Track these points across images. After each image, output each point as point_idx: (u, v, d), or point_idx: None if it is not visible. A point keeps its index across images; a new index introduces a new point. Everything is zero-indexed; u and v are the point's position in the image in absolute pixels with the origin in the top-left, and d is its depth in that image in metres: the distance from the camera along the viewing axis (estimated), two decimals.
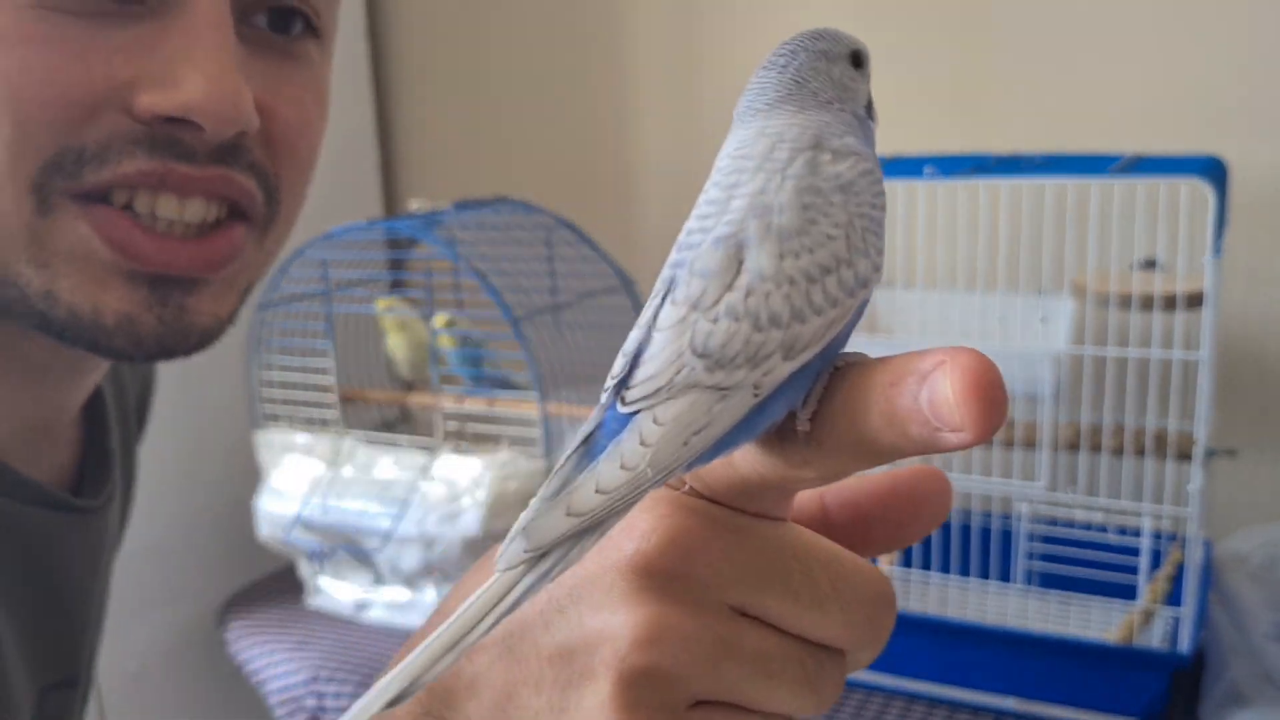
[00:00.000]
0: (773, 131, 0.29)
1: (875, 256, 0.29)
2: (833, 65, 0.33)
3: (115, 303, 0.40)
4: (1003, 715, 0.95)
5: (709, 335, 0.26)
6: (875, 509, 0.34)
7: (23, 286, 0.39)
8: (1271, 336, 1.15)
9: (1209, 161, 0.95)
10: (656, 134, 1.46)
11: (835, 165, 0.28)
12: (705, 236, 0.27)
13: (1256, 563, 1.05)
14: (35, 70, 0.37)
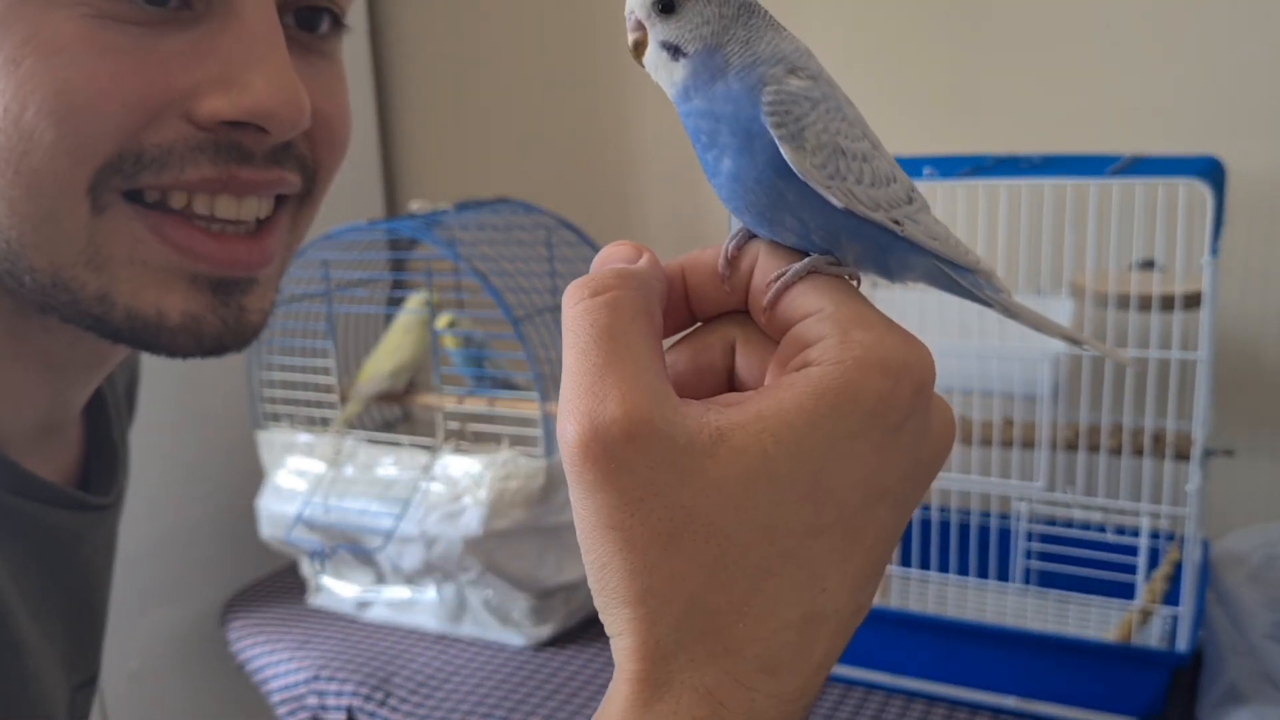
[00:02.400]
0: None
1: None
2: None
3: (180, 304, 0.41)
4: (1001, 713, 0.95)
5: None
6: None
7: (75, 290, 0.40)
8: (1268, 336, 1.16)
9: (1207, 162, 0.95)
10: (656, 135, 1.46)
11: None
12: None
13: (1254, 562, 1.05)
14: (98, 78, 0.38)
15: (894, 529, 0.31)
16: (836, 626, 0.30)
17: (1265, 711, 0.87)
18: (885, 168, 0.34)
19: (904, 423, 0.30)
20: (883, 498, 0.30)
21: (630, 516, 0.29)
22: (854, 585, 0.30)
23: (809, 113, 0.32)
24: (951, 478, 1.00)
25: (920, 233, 0.34)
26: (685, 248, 1.40)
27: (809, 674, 0.30)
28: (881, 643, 0.99)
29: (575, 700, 1.01)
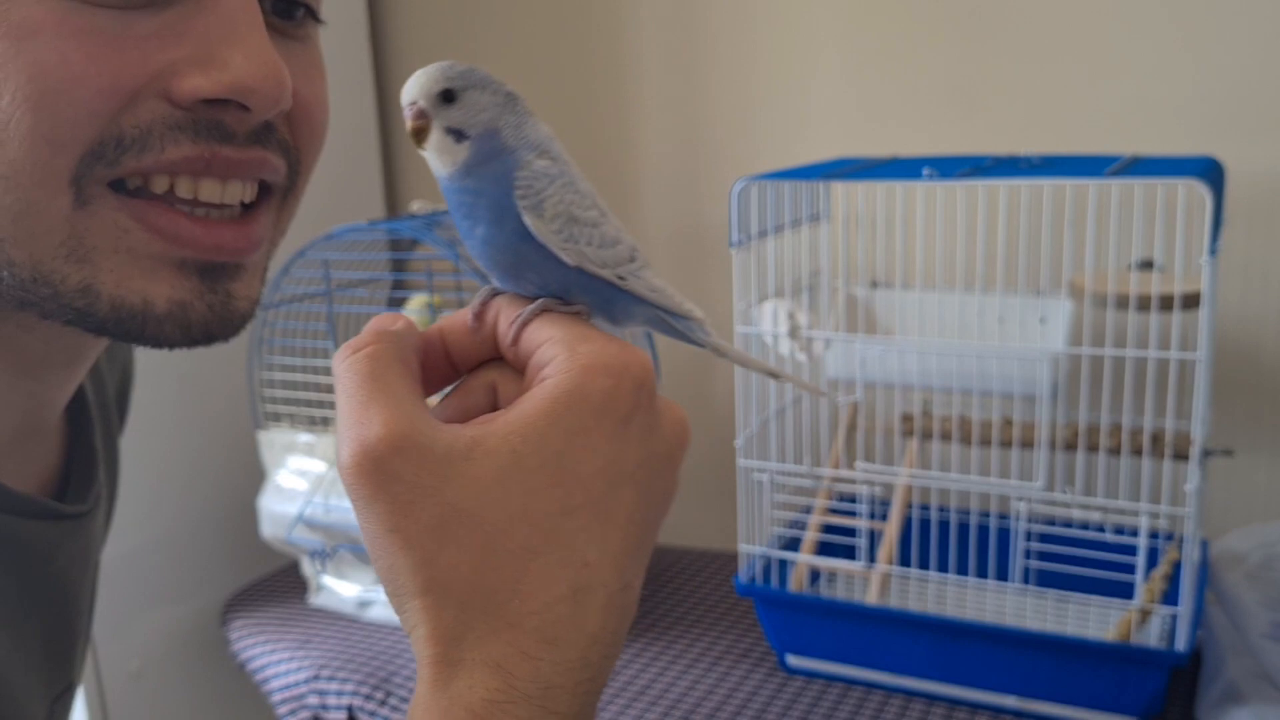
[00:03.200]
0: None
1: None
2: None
3: (167, 291, 0.40)
4: (1001, 713, 0.95)
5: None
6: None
7: (56, 284, 0.39)
8: (1268, 336, 1.16)
9: (1206, 163, 0.95)
10: (656, 136, 1.46)
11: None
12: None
13: (1253, 562, 1.05)
14: (73, 62, 0.37)
15: (644, 511, 0.36)
16: (606, 600, 0.34)
17: (1264, 711, 0.88)
18: (611, 232, 0.40)
19: (631, 415, 0.35)
20: (624, 482, 0.35)
21: (404, 519, 0.33)
22: (615, 561, 0.35)
23: (547, 187, 0.38)
24: (951, 477, 1.01)
25: (641, 286, 0.41)
26: (684, 248, 1.41)
27: (585, 643, 0.34)
28: (882, 642, 0.99)
29: None
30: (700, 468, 1.45)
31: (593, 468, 0.34)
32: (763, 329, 1.02)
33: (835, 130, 1.34)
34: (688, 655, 1.08)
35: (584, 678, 0.34)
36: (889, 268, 1.13)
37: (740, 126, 1.40)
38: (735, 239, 1.00)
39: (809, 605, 1.04)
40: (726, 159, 1.41)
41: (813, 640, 1.03)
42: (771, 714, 0.97)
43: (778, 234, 1.05)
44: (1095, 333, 0.97)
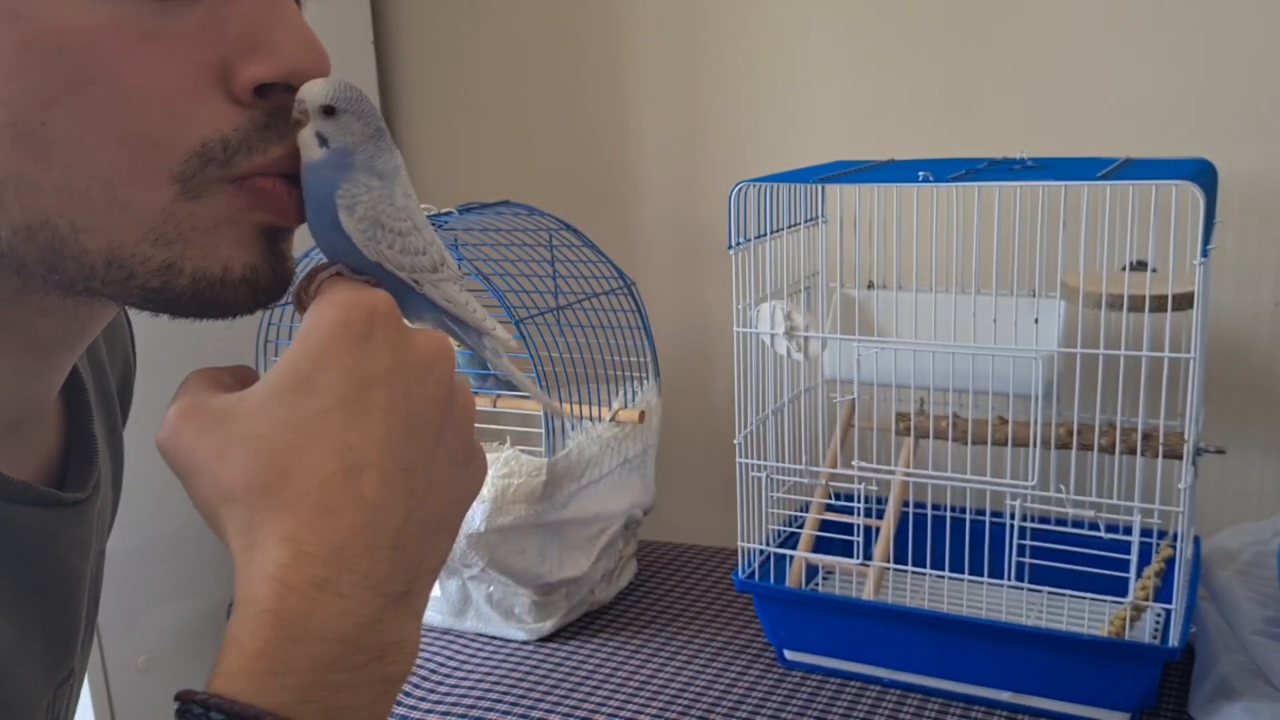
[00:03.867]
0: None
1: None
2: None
3: (244, 256, 0.41)
4: (995, 708, 0.96)
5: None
6: None
7: (135, 266, 0.40)
8: (1259, 337, 1.17)
9: (1199, 165, 0.96)
10: (656, 139, 1.47)
11: None
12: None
13: (1245, 559, 1.07)
14: (143, 68, 0.38)
15: (405, 406, 0.40)
16: (381, 477, 0.39)
17: (1256, 706, 0.89)
18: (417, 244, 0.46)
19: (369, 332, 0.40)
20: (373, 384, 0.40)
21: (193, 461, 0.40)
22: (380, 445, 0.39)
23: (364, 195, 0.45)
24: (946, 476, 1.02)
25: (436, 294, 0.47)
26: (684, 248, 1.42)
27: (368, 511, 0.38)
28: (878, 638, 1.00)
29: (577, 693, 1.02)
30: (699, 466, 1.46)
31: (337, 376, 0.39)
32: (760, 329, 1.04)
33: (832, 133, 1.35)
34: (687, 650, 1.10)
35: (378, 543, 0.38)
36: (885, 269, 1.14)
37: (738, 129, 1.42)
38: (733, 241, 1.01)
39: (806, 601, 1.06)
40: (725, 161, 1.42)
41: (810, 635, 1.04)
42: (769, 708, 0.98)
43: (775, 236, 1.07)
44: (1088, 333, 0.98)
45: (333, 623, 0.36)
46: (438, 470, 0.41)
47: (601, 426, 1.16)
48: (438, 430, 0.41)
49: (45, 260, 0.39)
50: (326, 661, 0.36)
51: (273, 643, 0.35)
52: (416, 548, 0.39)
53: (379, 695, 0.37)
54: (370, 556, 0.37)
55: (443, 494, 0.41)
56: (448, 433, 0.42)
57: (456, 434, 0.42)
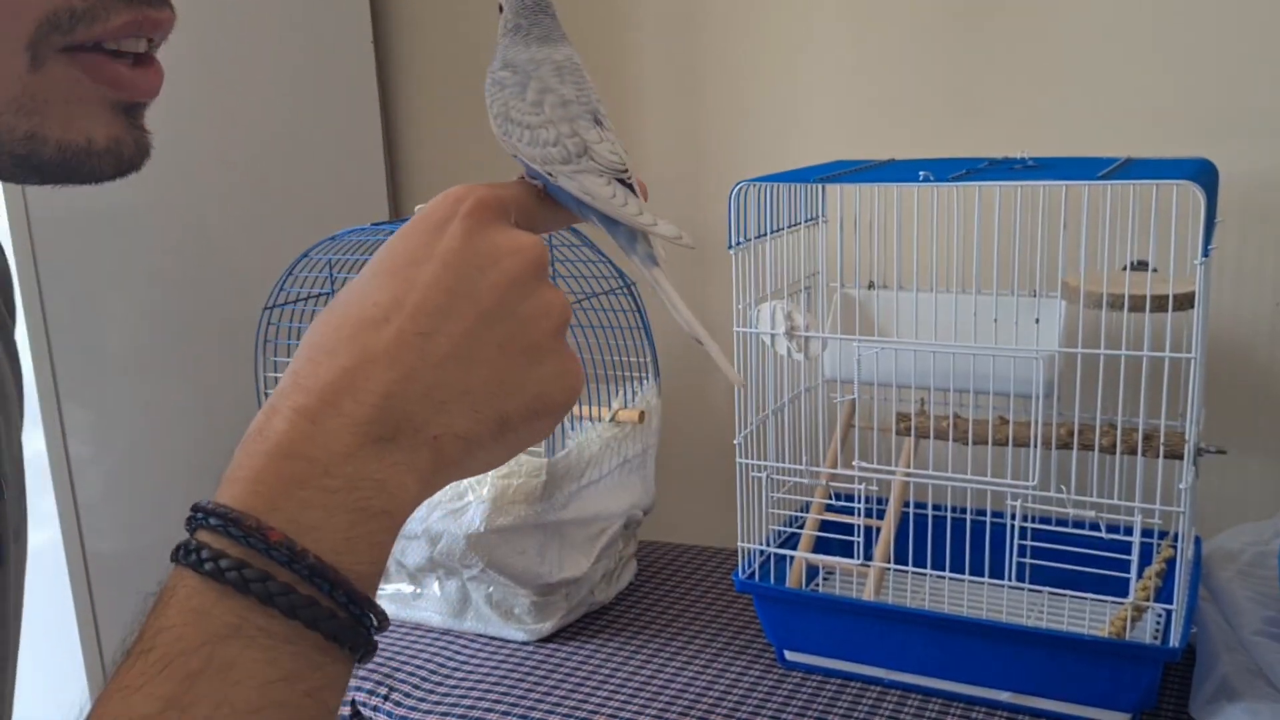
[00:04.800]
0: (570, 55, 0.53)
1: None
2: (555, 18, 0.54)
3: (105, 130, 0.43)
4: (996, 708, 0.96)
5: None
6: None
7: (2, 136, 0.42)
8: (1259, 336, 1.17)
9: (1199, 165, 0.96)
10: (657, 139, 1.47)
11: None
12: (593, 98, 0.50)
13: (1246, 559, 1.07)
14: None
15: (449, 281, 0.42)
16: (395, 333, 0.41)
17: (1257, 706, 0.88)
18: (549, 136, 0.48)
19: (445, 222, 0.43)
20: (425, 260, 0.43)
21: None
22: (407, 308, 0.42)
23: (497, 93, 0.49)
24: (947, 476, 1.02)
25: (572, 185, 0.48)
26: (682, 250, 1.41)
27: (360, 355, 0.41)
28: (878, 638, 1.00)
29: (577, 694, 1.02)
30: (699, 466, 1.46)
31: (397, 250, 0.43)
32: (760, 329, 1.04)
33: (833, 133, 1.35)
34: (687, 650, 1.10)
35: (367, 388, 0.40)
36: (885, 269, 1.14)
37: (739, 129, 1.42)
38: (733, 240, 1.01)
39: (807, 601, 1.06)
40: (725, 161, 1.42)
41: (810, 636, 1.04)
42: (769, 708, 0.98)
43: (775, 236, 1.07)
44: (1089, 333, 0.98)
45: (303, 444, 0.39)
46: (474, 347, 0.42)
47: (601, 426, 1.16)
48: (486, 313, 0.42)
49: None
50: (296, 478, 0.38)
51: (252, 455, 0.39)
52: (414, 405, 0.40)
53: (353, 524, 0.38)
54: (354, 398, 0.39)
55: (475, 371, 0.42)
56: (503, 321, 0.42)
57: (520, 326, 0.43)
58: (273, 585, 0.36)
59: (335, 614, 0.37)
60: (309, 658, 0.37)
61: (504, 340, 0.42)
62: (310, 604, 0.36)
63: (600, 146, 0.48)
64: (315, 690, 0.37)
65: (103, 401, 1.23)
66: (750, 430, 1.06)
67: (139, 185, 0.50)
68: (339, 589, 0.37)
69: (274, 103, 1.44)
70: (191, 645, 0.36)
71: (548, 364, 0.44)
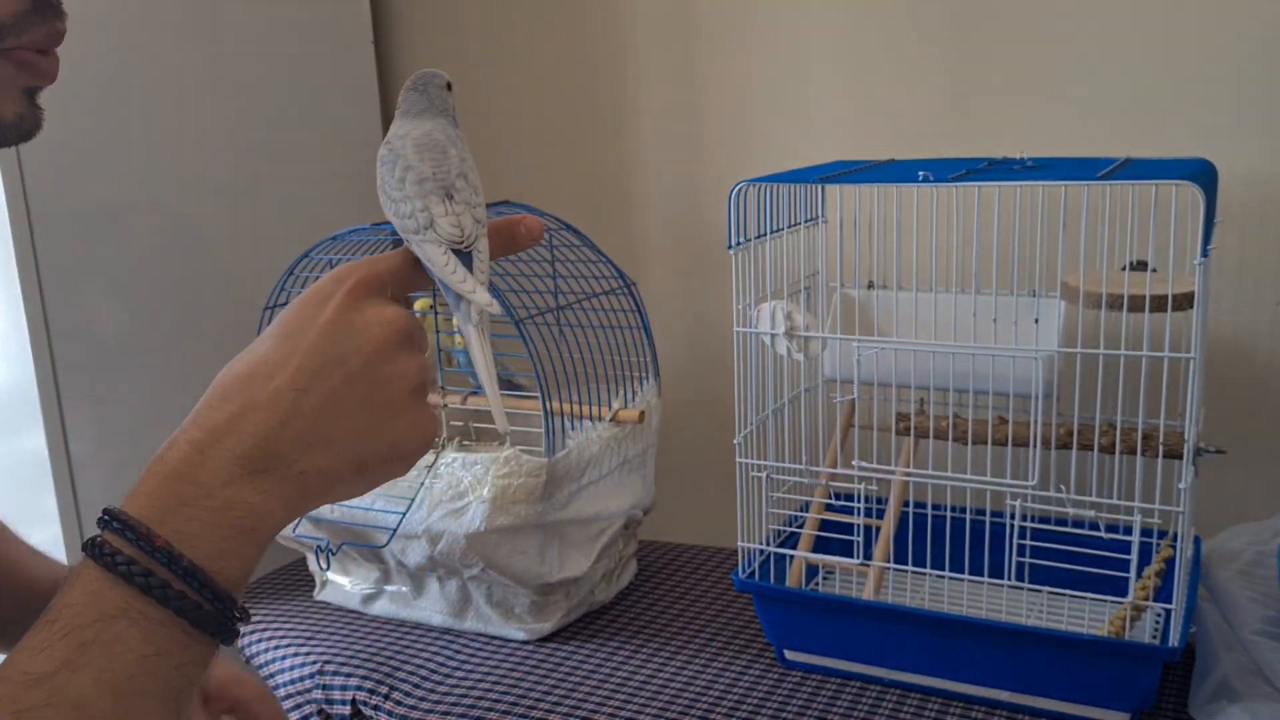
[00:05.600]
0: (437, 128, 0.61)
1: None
2: (443, 90, 0.64)
3: (14, 108, 0.52)
4: (996, 708, 0.97)
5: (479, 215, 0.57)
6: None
7: None
8: (1259, 336, 1.17)
9: (1199, 164, 0.96)
10: (657, 139, 1.48)
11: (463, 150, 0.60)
12: (450, 173, 0.57)
13: (1245, 559, 1.07)
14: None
15: (320, 348, 0.50)
16: (274, 386, 0.49)
17: (1256, 707, 0.88)
18: (406, 209, 0.56)
19: (331, 295, 0.52)
20: (309, 327, 0.51)
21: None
22: (288, 366, 0.50)
23: (378, 168, 0.58)
24: (946, 476, 1.02)
25: (420, 253, 0.55)
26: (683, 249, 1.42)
27: (247, 404, 0.49)
28: (878, 637, 1.00)
29: (577, 693, 1.02)
30: (699, 466, 1.46)
31: (289, 318, 0.52)
32: (760, 329, 1.04)
33: (832, 133, 1.35)
34: (687, 650, 1.10)
35: (248, 430, 0.48)
36: (885, 269, 1.14)
37: (739, 129, 1.42)
38: (733, 241, 1.01)
39: (806, 601, 1.06)
40: (725, 161, 1.43)
41: (810, 635, 1.04)
42: (769, 708, 0.98)
43: (775, 236, 1.07)
44: (1088, 333, 0.98)
45: (192, 471, 0.47)
46: (341, 402, 0.50)
47: (601, 426, 1.16)
48: (352, 375, 0.50)
49: None
50: (183, 498, 0.47)
51: (152, 475, 0.48)
52: (286, 446, 0.49)
53: (225, 538, 0.47)
54: (237, 437, 0.48)
55: (339, 422, 0.50)
56: (366, 381, 0.51)
57: (381, 385, 0.51)
58: (153, 580, 0.45)
59: (202, 606, 0.46)
60: (178, 639, 0.45)
61: (366, 397, 0.51)
62: (180, 597, 0.45)
63: (443, 220, 0.55)
64: (182, 665, 0.46)
65: (103, 401, 1.23)
66: (750, 430, 1.06)
67: (140, 185, 0.52)
68: (206, 588, 0.46)
69: (274, 103, 1.44)
70: (86, 620, 0.44)
71: (404, 419, 0.52)
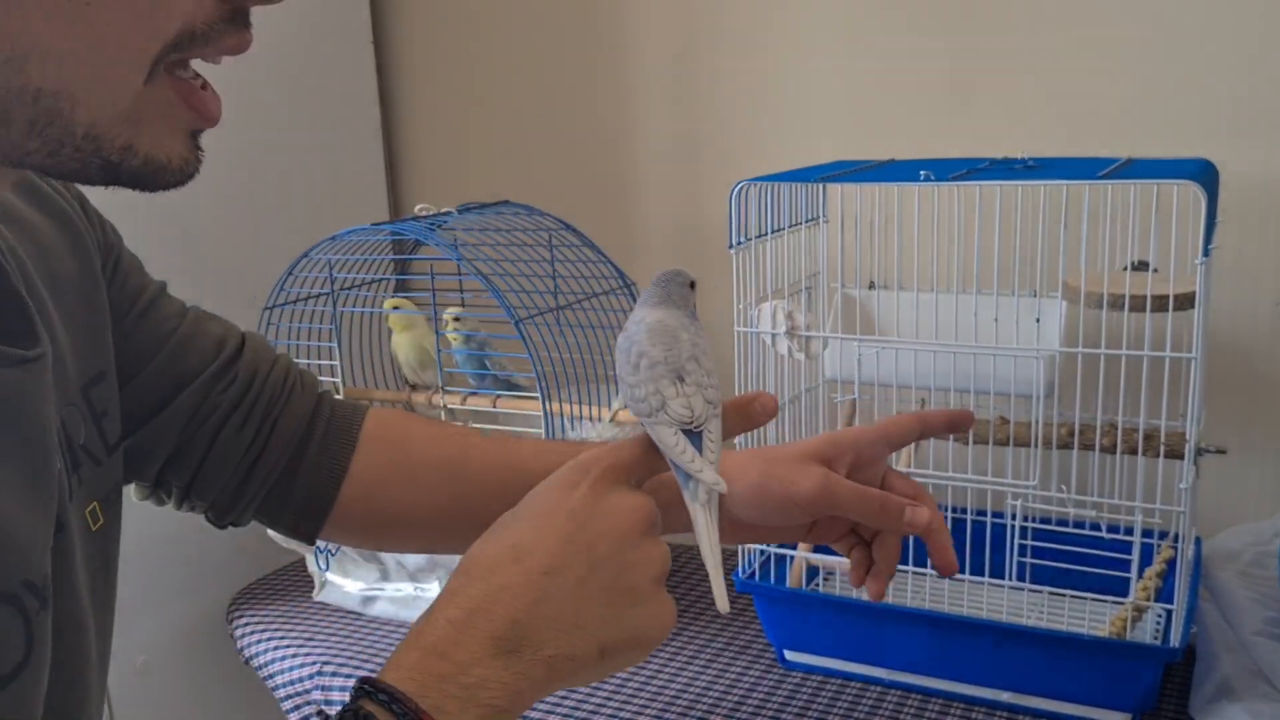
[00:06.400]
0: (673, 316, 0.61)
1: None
2: (685, 287, 0.62)
3: (181, 150, 0.48)
4: (996, 708, 0.96)
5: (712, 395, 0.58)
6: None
7: (104, 142, 0.45)
8: (1259, 336, 1.17)
9: (1200, 164, 0.96)
10: (656, 138, 1.47)
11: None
12: (680, 356, 0.58)
13: (1247, 559, 1.07)
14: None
15: (565, 530, 0.53)
16: (524, 569, 0.51)
17: (1257, 706, 0.88)
18: (640, 393, 0.57)
19: (574, 485, 0.54)
20: (557, 512, 0.53)
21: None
22: (538, 550, 0.52)
23: (617, 354, 0.60)
24: (947, 475, 1.02)
25: (652, 434, 0.57)
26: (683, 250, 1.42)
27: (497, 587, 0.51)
28: (878, 638, 1.00)
29: (577, 693, 1.02)
30: None
31: (536, 502, 0.54)
32: (761, 329, 1.04)
33: (833, 133, 1.35)
34: (687, 650, 1.10)
35: (499, 611, 0.50)
36: (886, 269, 1.14)
37: (739, 129, 1.42)
38: (733, 240, 1.01)
39: (807, 601, 1.06)
40: (725, 161, 1.42)
41: (810, 636, 1.04)
42: (770, 708, 0.98)
43: (776, 235, 1.07)
44: (1090, 333, 0.98)
45: (449, 648, 0.49)
46: (586, 587, 0.52)
47: (601, 426, 1.16)
48: (598, 560, 0.52)
49: (34, 124, 0.44)
50: (442, 674, 0.48)
51: (411, 649, 0.49)
52: (535, 629, 0.50)
53: (480, 716, 0.48)
54: (489, 618, 0.50)
55: (585, 607, 0.51)
56: (611, 567, 0.52)
57: (625, 572, 0.52)
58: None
59: None
60: None
61: (612, 582, 0.52)
62: None
63: (674, 402, 0.57)
64: None
65: None
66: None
67: None
68: None
69: (274, 102, 1.44)
70: None
71: (647, 605, 0.53)
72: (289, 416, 0.73)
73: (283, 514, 0.74)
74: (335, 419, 0.75)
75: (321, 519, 0.74)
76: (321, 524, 0.75)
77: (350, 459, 0.74)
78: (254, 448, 0.71)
